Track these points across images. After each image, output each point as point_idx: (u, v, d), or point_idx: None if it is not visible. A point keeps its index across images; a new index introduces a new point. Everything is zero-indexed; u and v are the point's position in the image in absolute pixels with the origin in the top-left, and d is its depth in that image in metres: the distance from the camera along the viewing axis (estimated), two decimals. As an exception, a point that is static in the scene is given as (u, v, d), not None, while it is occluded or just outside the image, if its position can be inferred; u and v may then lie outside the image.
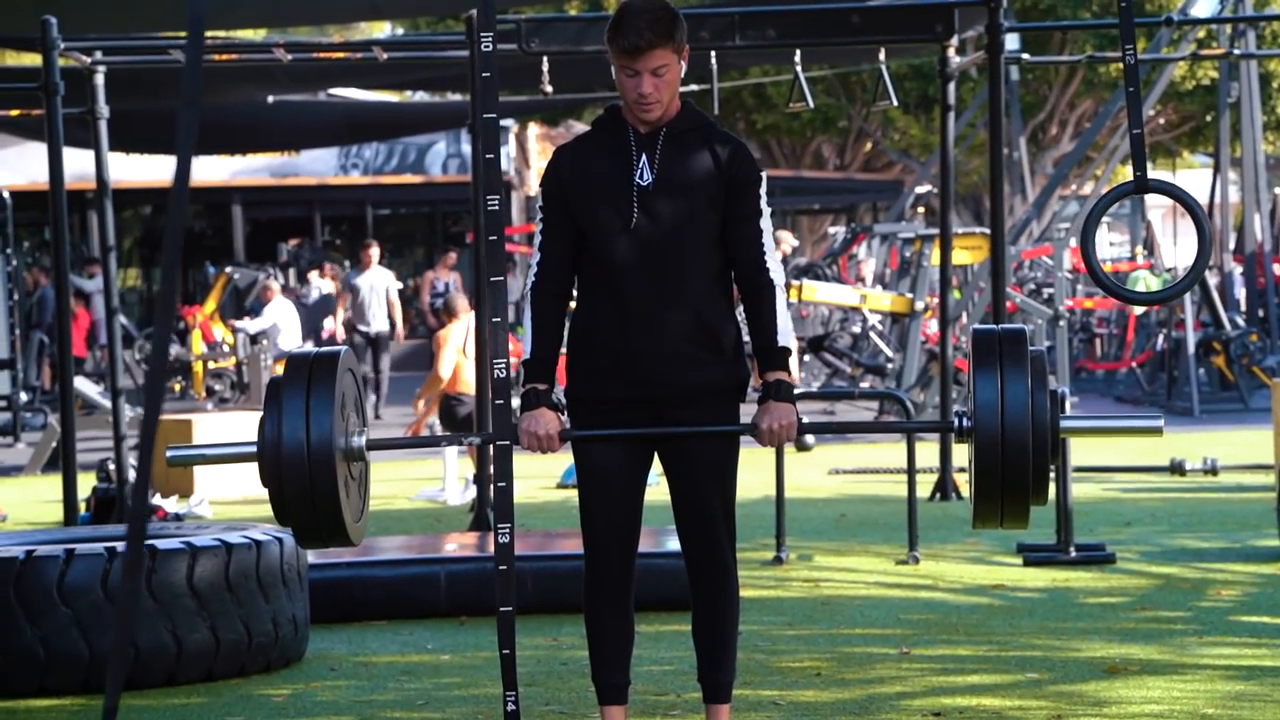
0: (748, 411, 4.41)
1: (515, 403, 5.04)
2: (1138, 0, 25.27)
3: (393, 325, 18.77)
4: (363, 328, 18.50)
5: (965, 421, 4.33)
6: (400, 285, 21.44)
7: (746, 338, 4.56)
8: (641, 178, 4.45)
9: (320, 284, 23.14)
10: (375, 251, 19.13)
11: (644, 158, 4.45)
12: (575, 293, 4.60)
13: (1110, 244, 32.69)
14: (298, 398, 4.26)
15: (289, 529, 4.42)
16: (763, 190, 4.50)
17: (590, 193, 4.47)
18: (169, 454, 4.53)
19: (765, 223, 4.50)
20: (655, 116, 4.43)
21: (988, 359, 4.27)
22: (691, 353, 4.45)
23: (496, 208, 4.59)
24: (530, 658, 6.19)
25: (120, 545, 5.91)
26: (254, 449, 4.34)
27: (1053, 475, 4.27)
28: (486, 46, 4.56)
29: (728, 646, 4.65)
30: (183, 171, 2.79)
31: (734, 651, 4.68)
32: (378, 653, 6.43)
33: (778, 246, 12.23)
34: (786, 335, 4.46)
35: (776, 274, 4.48)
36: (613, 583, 4.56)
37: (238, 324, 19.16)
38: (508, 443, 4.48)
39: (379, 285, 18.70)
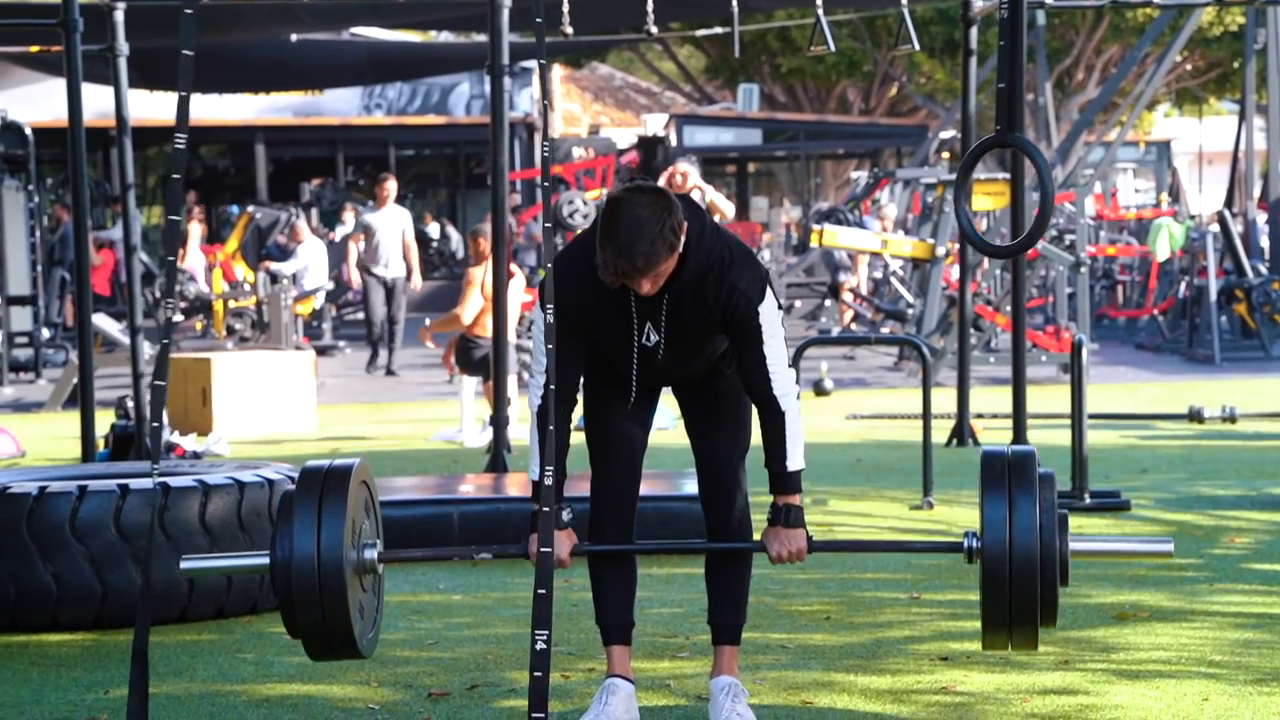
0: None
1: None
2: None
3: (410, 271, 17.07)
4: (378, 271, 16.86)
5: (974, 542, 4.35)
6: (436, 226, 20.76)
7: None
8: (646, 339, 4.44)
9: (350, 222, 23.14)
10: (392, 187, 17.21)
11: (648, 324, 4.42)
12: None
13: (1136, 190, 32.54)
14: (309, 511, 4.29)
15: (299, 640, 4.43)
16: (764, 319, 4.39)
17: (594, 336, 4.46)
18: (183, 564, 4.52)
19: (770, 347, 4.41)
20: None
21: (996, 483, 4.28)
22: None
23: (549, 155, 4.46)
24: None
25: (134, 482, 5.94)
26: (266, 561, 4.37)
27: (1065, 426, 4.26)
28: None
29: (740, 589, 4.69)
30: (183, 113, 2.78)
31: (746, 595, 4.71)
32: (390, 592, 6.45)
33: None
34: (797, 459, 4.47)
35: (786, 399, 4.43)
36: (614, 525, 4.61)
37: (273, 267, 19.10)
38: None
39: (395, 226, 16.96)
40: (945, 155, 25.00)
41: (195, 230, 20.56)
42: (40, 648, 5.65)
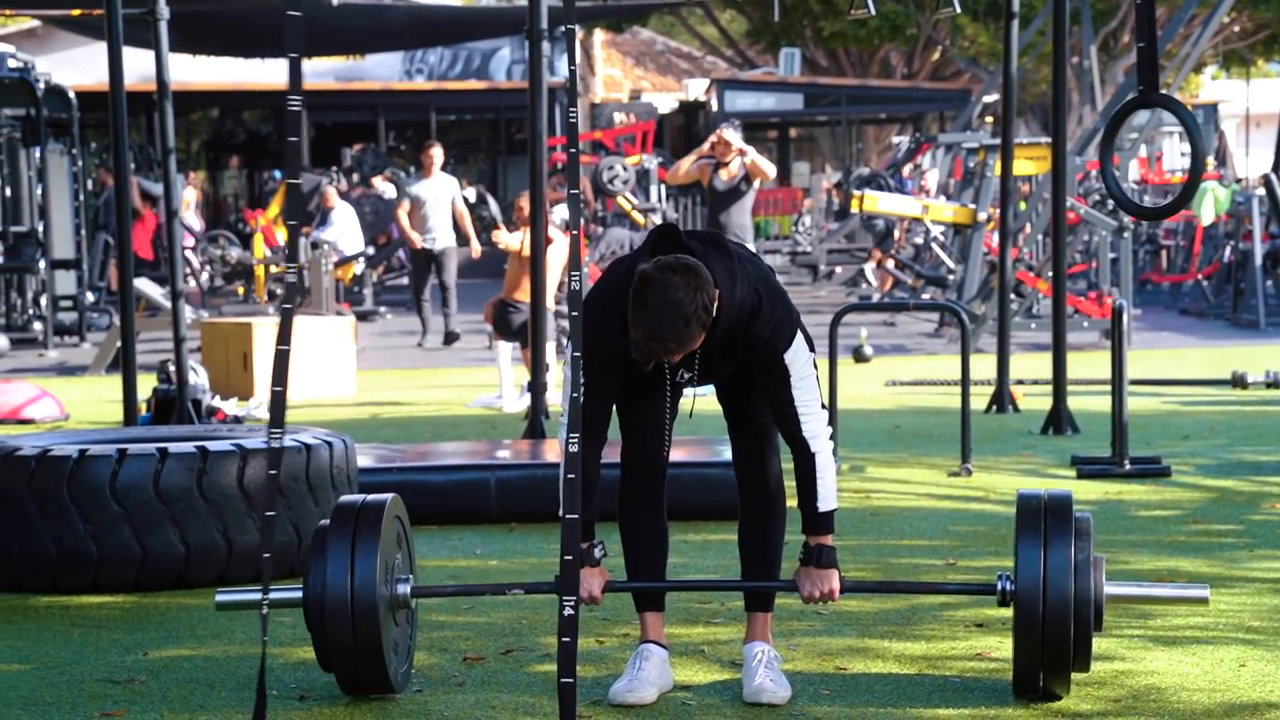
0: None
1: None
2: (1213, -93, 24.83)
3: (462, 238, 16.55)
4: (425, 243, 16.38)
5: (1008, 585, 4.33)
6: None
7: None
8: (680, 378, 4.46)
9: (384, 188, 23.16)
10: (438, 154, 16.58)
11: (680, 370, 4.44)
12: None
13: (1182, 154, 32.33)
14: (343, 548, 4.32)
15: (331, 674, 4.46)
16: (790, 362, 4.36)
17: (627, 387, 4.47)
18: (218, 599, 4.58)
19: (799, 389, 4.38)
20: None
21: (1032, 527, 4.26)
22: None
23: (574, 121, 4.36)
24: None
25: (173, 446, 5.97)
26: (300, 595, 4.41)
27: (1106, 392, 4.23)
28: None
29: (773, 555, 4.70)
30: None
31: (779, 561, 4.72)
32: (426, 557, 6.48)
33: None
34: (829, 500, 4.46)
35: (817, 440, 4.41)
36: (646, 491, 4.63)
37: (314, 235, 19.12)
38: (579, 354, 4.24)
39: (443, 194, 16.40)
40: (989, 119, 24.87)
41: (190, 195, 20.47)
42: (80, 609, 5.70)
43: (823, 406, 4.44)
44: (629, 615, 5.20)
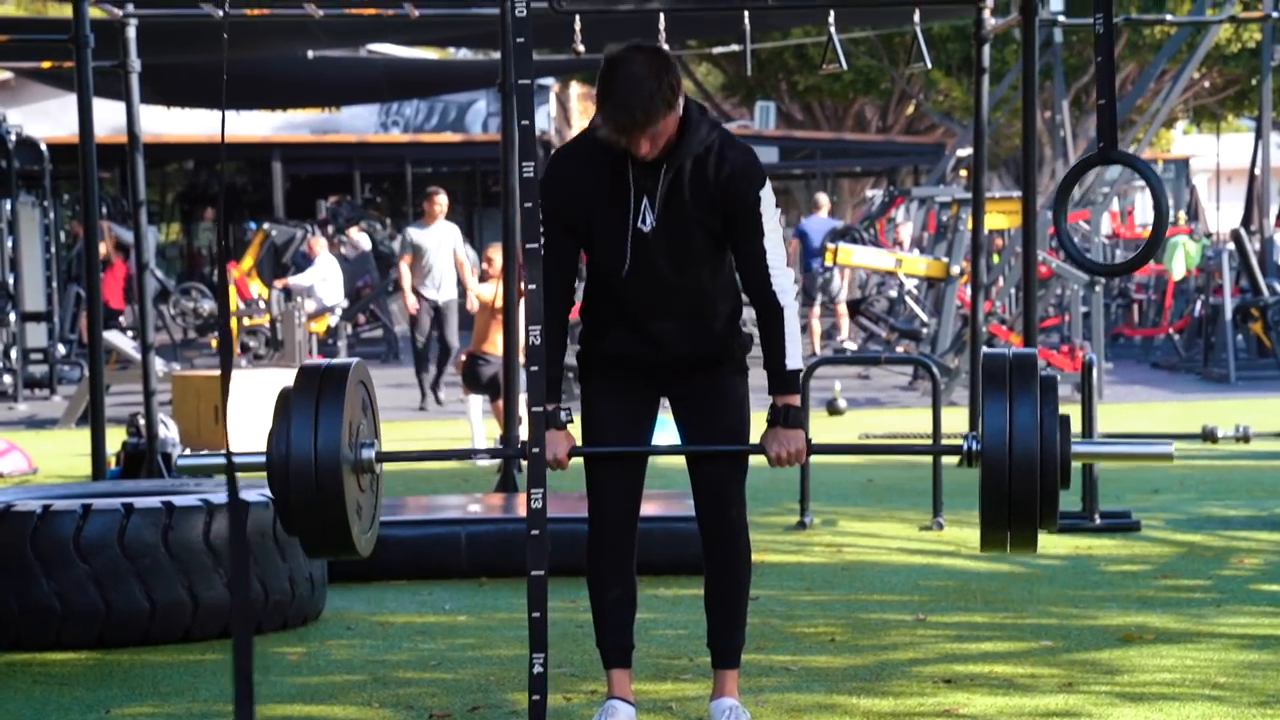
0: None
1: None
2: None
3: (463, 291, 15.28)
4: (428, 293, 15.29)
5: (973, 445, 4.30)
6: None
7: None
8: (642, 222, 4.39)
9: (359, 239, 23.14)
10: (443, 201, 15.33)
11: (644, 200, 4.37)
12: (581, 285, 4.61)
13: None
14: (306, 409, 4.28)
15: (295, 538, 4.43)
16: (764, 207, 4.39)
17: (590, 227, 4.42)
18: (179, 462, 4.61)
19: (770, 241, 4.40)
20: (654, 158, 4.37)
21: (997, 384, 4.25)
22: (698, 353, 4.50)
23: (531, 175, 4.47)
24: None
25: (138, 501, 5.93)
26: (263, 459, 4.36)
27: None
28: (521, 11, 4.44)
29: (738, 611, 4.67)
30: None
31: (744, 617, 4.69)
32: (395, 612, 6.45)
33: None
34: (795, 358, 4.44)
35: (785, 294, 4.42)
36: (614, 547, 4.59)
37: (291, 280, 19.06)
38: (539, 410, 4.39)
39: (446, 243, 15.32)
40: (963, 173, 24.97)
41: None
42: (43, 666, 5.65)
43: (787, 266, 4.47)
44: (596, 671, 5.18)
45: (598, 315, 4.53)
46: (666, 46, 10.44)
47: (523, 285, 4.39)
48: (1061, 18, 14.71)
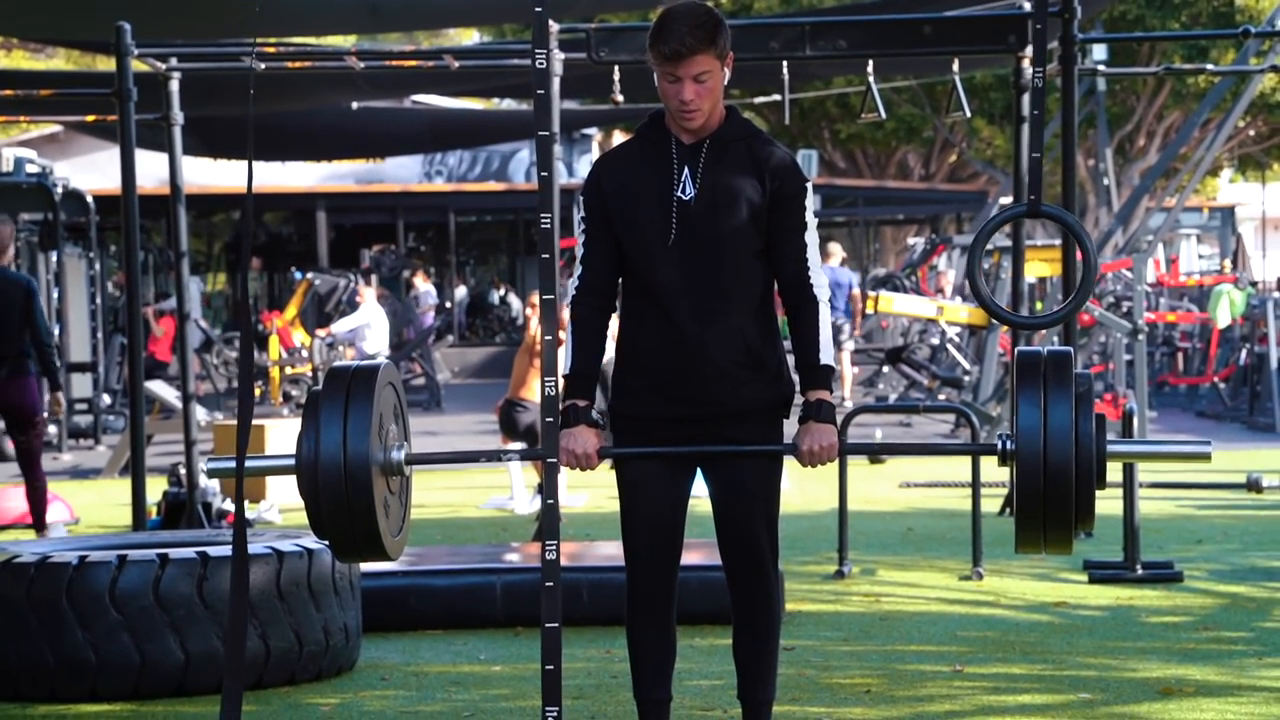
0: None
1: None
2: (1226, 10, 24.97)
3: None
4: None
5: (1008, 445, 4.26)
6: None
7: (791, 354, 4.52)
8: (683, 191, 4.39)
9: (425, 289, 23.39)
10: None
11: (686, 170, 4.40)
12: (619, 305, 4.57)
13: (1200, 256, 32.33)
14: (336, 411, 4.27)
15: (325, 542, 4.42)
16: (808, 202, 4.42)
17: (630, 206, 4.41)
18: (208, 465, 4.57)
19: (810, 236, 4.42)
20: (697, 124, 4.38)
21: (1031, 381, 4.20)
22: (735, 373, 4.40)
23: (548, 226, 4.49)
24: (581, 669, 6.17)
25: (173, 551, 5.95)
26: (292, 461, 4.34)
27: (1118, 497, 4.22)
28: (541, 63, 4.46)
29: (767, 664, 4.61)
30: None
31: (774, 669, 4.64)
32: (430, 662, 6.43)
33: (828, 259, 12.06)
34: (828, 353, 4.40)
35: (820, 289, 4.42)
36: (653, 598, 4.53)
37: (334, 329, 19.15)
38: (555, 461, 4.44)
39: None
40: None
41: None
42: (78, 718, 5.65)
43: (820, 268, 4.47)
44: (629, 724, 5.15)
45: (634, 341, 4.47)
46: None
47: (564, 327, 4.40)
48: (1103, 67, 14.68)
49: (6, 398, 9.53)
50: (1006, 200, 22.84)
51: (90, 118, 12.86)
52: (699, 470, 4.57)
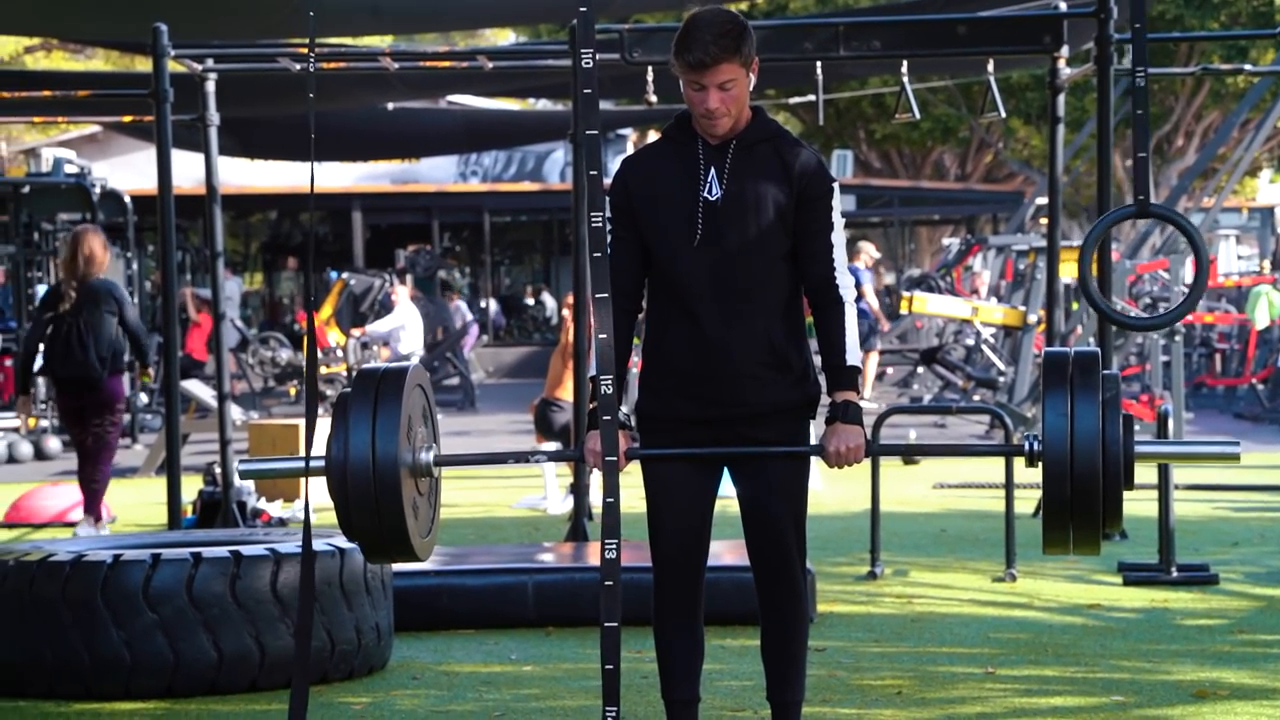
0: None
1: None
2: (1266, 9, 24.85)
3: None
4: None
5: (1035, 445, 4.25)
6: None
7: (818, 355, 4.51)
8: (710, 192, 4.39)
9: (460, 305, 23.59)
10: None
11: (712, 171, 4.40)
12: (645, 305, 4.58)
13: (1239, 257, 32.18)
14: (364, 413, 4.29)
15: (355, 544, 4.44)
16: (834, 202, 4.43)
17: (657, 207, 4.42)
18: (239, 467, 4.59)
19: (837, 236, 4.43)
20: (723, 130, 4.39)
21: (1058, 382, 4.20)
22: (760, 373, 4.41)
23: (600, 225, 4.47)
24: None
25: (207, 550, 5.97)
26: (322, 463, 4.36)
27: (1154, 499, 4.20)
28: (587, 62, 4.45)
29: (796, 665, 4.62)
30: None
31: (803, 670, 4.64)
32: (461, 662, 6.45)
33: (855, 258, 11.92)
34: (855, 354, 4.40)
35: (847, 290, 4.42)
36: (680, 598, 4.55)
37: (369, 328, 19.26)
38: (615, 459, 4.40)
39: None
40: (1043, 220, 24.84)
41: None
42: (113, 716, 5.68)
43: (846, 271, 4.48)
44: (660, 724, 5.15)
45: (659, 342, 4.47)
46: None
47: (593, 334, 4.39)
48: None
49: (101, 393, 10.32)
50: (1042, 200, 22.76)
51: (127, 118, 12.92)
52: (726, 470, 4.58)
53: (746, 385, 4.41)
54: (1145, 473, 12.05)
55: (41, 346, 10.33)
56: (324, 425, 12.73)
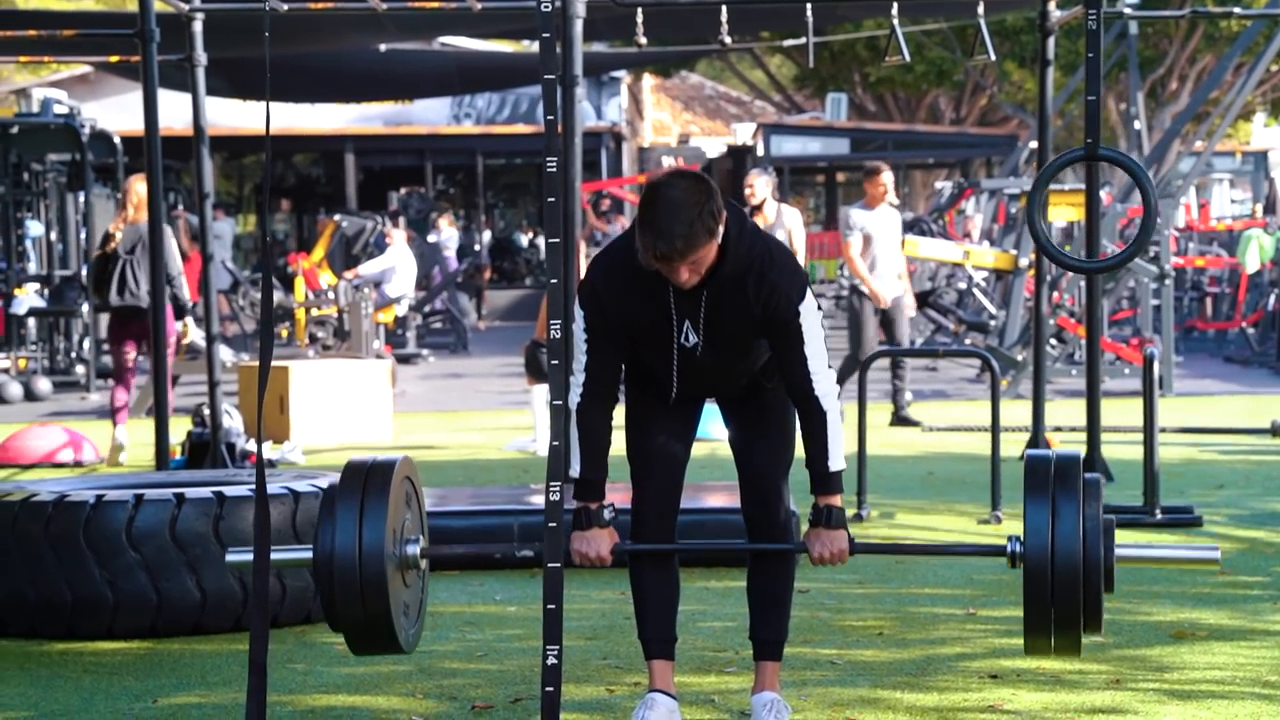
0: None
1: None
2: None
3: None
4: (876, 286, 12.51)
5: (1017, 547, 4.32)
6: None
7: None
8: (685, 339, 4.43)
9: (449, 232, 23.49)
10: (887, 180, 12.64)
11: (687, 323, 4.40)
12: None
13: (1232, 201, 32.12)
14: (351, 507, 4.33)
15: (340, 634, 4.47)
16: (804, 319, 4.38)
17: (634, 338, 4.46)
18: (229, 558, 4.62)
19: (811, 348, 4.40)
20: (693, 284, 4.36)
21: (1039, 488, 4.25)
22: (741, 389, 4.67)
23: (554, 170, 4.51)
24: (595, 611, 6.21)
25: (190, 491, 5.98)
26: (310, 555, 4.41)
27: (1141, 441, 4.22)
28: (546, 6, 4.45)
29: (780, 604, 4.67)
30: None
31: (788, 610, 4.70)
32: (445, 603, 6.47)
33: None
34: (838, 460, 4.45)
35: (827, 399, 4.42)
36: (655, 538, 4.59)
37: (360, 270, 19.26)
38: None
39: (891, 231, 12.69)
40: (1035, 165, 24.81)
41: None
42: (95, 656, 5.70)
43: (830, 367, 4.45)
44: (642, 663, 5.17)
45: (640, 388, 4.64)
46: (730, 40, 10.43)
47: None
48: (1128, 9, 14.55)
49: (148, 322, 10.63)
50: (1035, 145, 22.73)
51: (114, 58, 12.85)
52: (720, 413, 4.66)
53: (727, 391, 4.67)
54: (1138, 415, 12.07)
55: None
56: (313, 366, 12.72)
